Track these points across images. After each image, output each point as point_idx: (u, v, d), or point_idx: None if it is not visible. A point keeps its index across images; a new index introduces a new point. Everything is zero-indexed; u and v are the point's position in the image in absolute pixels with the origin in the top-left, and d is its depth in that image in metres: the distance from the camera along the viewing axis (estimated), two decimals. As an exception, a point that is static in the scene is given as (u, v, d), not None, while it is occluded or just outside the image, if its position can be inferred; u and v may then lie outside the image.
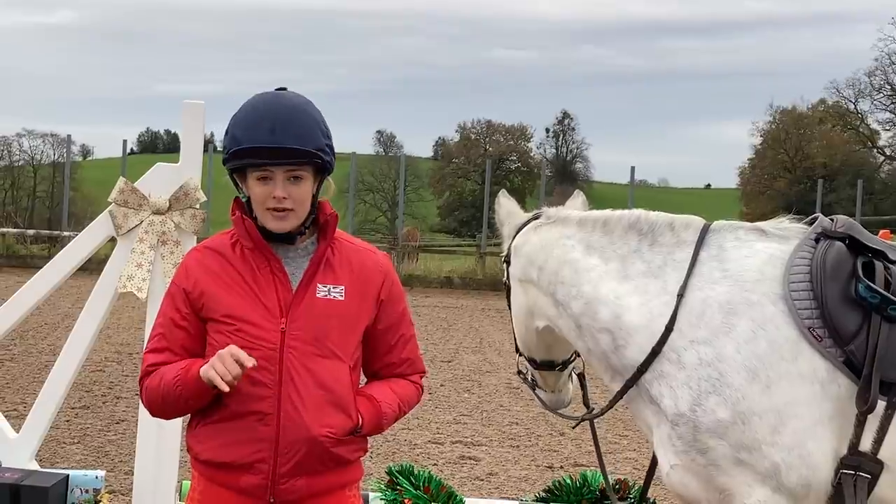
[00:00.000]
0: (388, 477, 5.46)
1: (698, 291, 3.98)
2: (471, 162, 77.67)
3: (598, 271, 4.16)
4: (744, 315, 3.91)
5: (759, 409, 3.82)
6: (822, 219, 4.15)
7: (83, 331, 5.44)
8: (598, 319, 4.11)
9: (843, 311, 3.87)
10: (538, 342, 4.47)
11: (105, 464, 8.36)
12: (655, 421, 4.00)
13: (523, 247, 4.40)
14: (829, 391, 3.86)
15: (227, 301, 3.35)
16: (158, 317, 3.47)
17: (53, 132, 63.95)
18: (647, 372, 3.98)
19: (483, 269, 28.47)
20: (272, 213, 3.32)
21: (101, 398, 11.08)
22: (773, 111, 70.31)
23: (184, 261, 3.53)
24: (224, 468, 3.34)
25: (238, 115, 3.37)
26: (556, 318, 4.28)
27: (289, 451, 3.29)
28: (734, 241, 4.11)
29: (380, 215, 69.95)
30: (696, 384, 3.87)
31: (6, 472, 5.15)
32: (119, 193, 5.38)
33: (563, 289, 4.21)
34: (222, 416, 3.33)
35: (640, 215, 4.23)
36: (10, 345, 13.73)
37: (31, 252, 28.58)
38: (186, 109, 5.40)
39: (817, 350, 3.87)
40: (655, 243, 4.15)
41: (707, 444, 3.85)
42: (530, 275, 4.34)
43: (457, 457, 9.29)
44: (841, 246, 4.00)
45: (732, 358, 3.86)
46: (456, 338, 17.26)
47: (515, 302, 4.47)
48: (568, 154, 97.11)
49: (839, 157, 62.36)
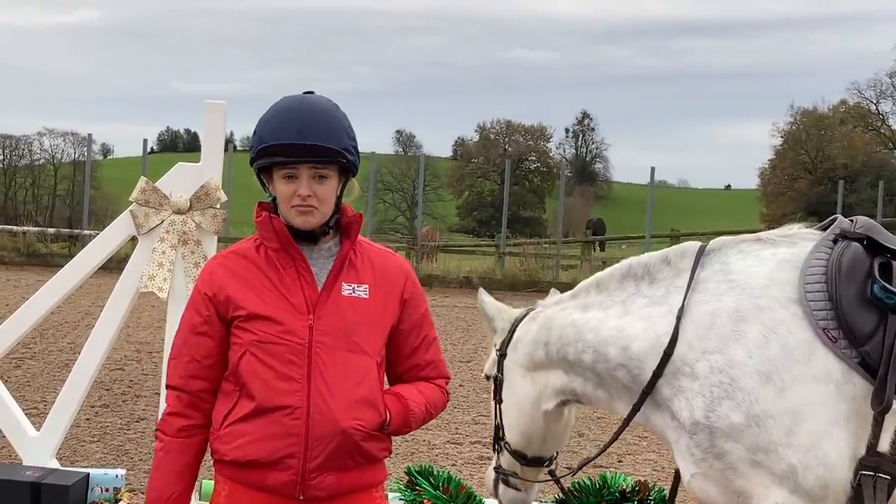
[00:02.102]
0: (407, 477, 5.46)
1: (705, 305, 4.04)
2: (490, 162, 77.70)
3: (597, 318, 4.27)
4: (753, 321, 3.94)
5: (774, 412, 3.84)
6: (840, 220, 4.19)
7: (104, 330, 5.46)
8: (610, 360, 4.20)
9: (858, 312, 3.89)
10: (542, 430, 4.51)
11: (125, 462, 8.38)
12: (675, 436, 4.05)
13: (526, 335, 4.51)
14: (845, 392, 3.87)
15: (252, 300, 3.36)
16: (180, 324, 3.51)
17: (74, 131, 64.40)
18: (666, 388, 4.03)
19: (502, 270, 28.45)
20: (297, 209, 3.35)
21: (121, 396, 11.11)
22: (793, 112, 70.19)
23: (206, 266, 3.57)
24: (251, 466, 3.32)
25: (265, 117, 3.41)
26: (570, 382, 4.37)
27: (319, 444, 3.29)
28: (737, 254, 4.16)
29: (399, 215, 70.03)
30: (708, 391, 3.91)
31: (27, 471, 5.18)
32: (140, 193, 5.40)
33: (571, 348, 4.31)
34: (249, 413, 3.32)
35: (632, 262, 4.33)
36: (31, 343, 13.78)
37: (51, 250, 28.65)
38: (208, 109, 5.41)
39: (832, 351, 3.88)
40: (655, 281, 4.23)
41: (723, 448, 3.88)
42: (538, 357, 4.44)
43: (476, 457, 9.27)
44: (858, 246, 4.01)
45: (744, 363, 3.89)
46: (475, 338, 17.24)
47: (517, 393, 4.51)
48: (587, 154, 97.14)
49: (860, 158, 62.10)
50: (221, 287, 3.40)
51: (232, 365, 3.38)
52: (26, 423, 5.54)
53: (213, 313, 3.40)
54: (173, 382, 3.46)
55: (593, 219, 49.05)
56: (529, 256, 29.87)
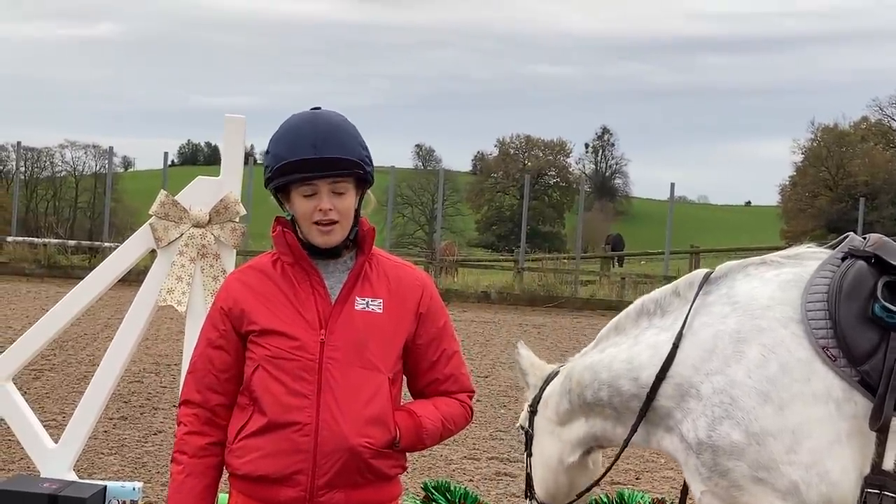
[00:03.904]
0: (423, 493, 5.45)
1: (709, 328, 4.10)
2: (509, 176, 77.74)
3: (610, 356, 4.35)
4: (754, 341, 3.99)
5: (774, 430, 3.89)
6: (852, 237, 4.21)
7: (123, 342, 5.47)
8: (623, 392, 4.27)
9: (857, 331, 3.90)
10: (567, 485, 4.57)
11: (142, 475, 8.39)
12: (684, 457, 4.11)
13: (553, 391, 4.59)
14: (846, 410, 3.89)
15: (265, 314, 3.37)
16: (198, 338, 3.53)
17: (95, 143, 64.79)
18: (678, 412, 4.10)
19: (521, 284, 28.40)
20: (318, 227, 3.36)
21: (139, 409, 11.13)
22: (814, 129, 69.96)
23: (225, 281, 3.59)
24: (262, 482, 3.33)
25: (278, 135, 3.42)
26: (591, 428, 4.45)
27: (327, 461, 3.29)
28: (743, 276, 4.21)
29: (418, 229, 70.10)
30: (710, 411, 3.98)
31: (45, 483, 5.18)
32: (160, 206, 5.41)
33: (589, 390, 4.39)
34: (260, 428, 3.33)
35: (644, 300, 4.42)
36: (50, 355, 13.83)
37: (71, 263, 28.75)
38: (228, 123, 5.42)
39: (832, 370, 3.91)
40: (666, 313, 4.29)
41: (726, 465, 3.95)
42: (563, 409, 4.52)
43: (493, 473, 9.24)
44: (863, 265, 4.03)
45: (743, 383, 3.94)
46: (493, 353, 17.21)
47: (545, 452, 4.60)
48: (607, 170, 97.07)
49: (881, 176, 61.82)
50: (237, 301, 3.41)
51: (246, 379, 3.39)
52: (45, 434, 5.55)
53: (230, 328, 3.41)
54: (191, 397, 3.46)
55: (612, 234, 49.04)
56: (548, 272, 29.81)
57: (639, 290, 29.07)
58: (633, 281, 30.78)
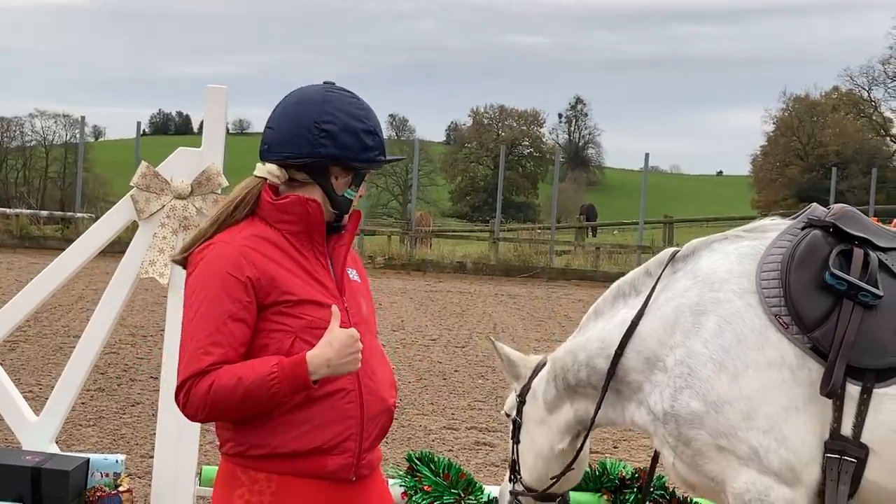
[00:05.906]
0: (407, 463, 5.47)
1: (672, 302, 4.21)
2: (483, 147, 77.71)
3: (586, 337, 4.45)
4: (711, 313, 4.10)
5: (730, 398, 4.00)
6: (814, 207, 4.32)
7: (104, 315, 5.44)
8: (599, 370, 4.36)
9: (807, 298, 4.00)
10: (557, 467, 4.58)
11: (121, 446, 8.38)
12: (653, 428, 4.22)
13: (541, 380, 4.63)
14: (800, 377, 3.99)
15: (294, 283, 3.27)
16: (201, 315, 3.23)
17: (66, 113, 64.23)
18: (647, 385, 4.22)
19: (496, 255, 28.46)
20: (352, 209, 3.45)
21: (116, 381, 11.11)
22: (786, 98, 70.28)
23: (229, 252, 3.28)
24: (311, 455, 3.25)
25: (351, 118, 3.37)
26: (576, 412, 4.49)
27: (372, 424, 3.33)
28: (707, 252, 4.30)
29: (392, 199, 70.02)
30: (672, 382, 4.10)
31: (27, 455, 5.17)
32: (141, 178, 5.38)
33: (570, 373, 4.47)
34: (305, 400, 3.22)
35: (620, 282, 4.50)
36: (25, 326, 13.74)
37: (44, 233, 28.58)
38: (209, 94, 5.39)
39: (785, 336, 4.01)
40: (639, 293, 4.38)
41: (689, 434, 4.08)
42: (550, 396, 4.57)
43: (472, 442, 9.29)
44: (818, 234, 4.12)
45: (700, 353, 4.06)
46: (469, 323, 17.26)
47: (535, 441, 4.63)
48: (580, 140, 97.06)
49: (852, 145, 62.21)
50: (264, 272, 3.25)
51: (283, 351, 3.21)
52: (26, 407, 5.52)
53: (254, 299, 3.23)
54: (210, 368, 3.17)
55: (585, 204, 49.01)
56: (523, 242, 29.90)
57: (613, 260, 29.23)
58: (607, 251, 30.92)
